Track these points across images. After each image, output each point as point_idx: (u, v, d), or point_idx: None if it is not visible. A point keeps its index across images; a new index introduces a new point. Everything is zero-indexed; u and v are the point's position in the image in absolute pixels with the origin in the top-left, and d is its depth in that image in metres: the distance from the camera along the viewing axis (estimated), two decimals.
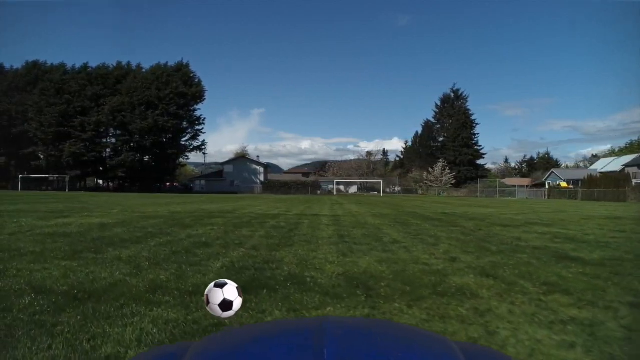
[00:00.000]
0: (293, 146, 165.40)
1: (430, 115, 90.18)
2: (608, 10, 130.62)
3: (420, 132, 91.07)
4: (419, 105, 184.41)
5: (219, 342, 0.56)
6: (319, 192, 70.04)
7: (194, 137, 74.37)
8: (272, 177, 79.44)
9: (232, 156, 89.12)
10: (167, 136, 69.69)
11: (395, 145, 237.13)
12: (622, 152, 76.64)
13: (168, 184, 79.03)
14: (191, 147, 74.75)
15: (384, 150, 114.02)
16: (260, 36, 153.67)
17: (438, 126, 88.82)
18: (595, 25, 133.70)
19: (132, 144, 68.34)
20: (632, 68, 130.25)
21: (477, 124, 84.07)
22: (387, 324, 0.71)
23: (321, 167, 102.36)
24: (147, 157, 71.15)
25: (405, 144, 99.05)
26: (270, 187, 69.17)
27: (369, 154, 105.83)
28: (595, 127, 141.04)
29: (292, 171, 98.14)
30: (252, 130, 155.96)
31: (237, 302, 1.15)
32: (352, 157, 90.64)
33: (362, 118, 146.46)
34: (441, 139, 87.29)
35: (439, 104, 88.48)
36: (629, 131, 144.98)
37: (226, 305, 1.12)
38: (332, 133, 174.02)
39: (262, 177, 73.30)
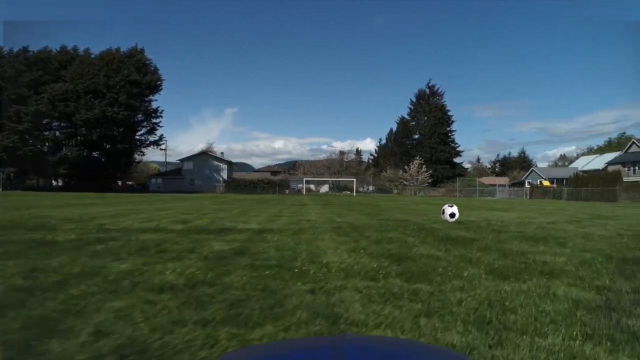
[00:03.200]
0: (267, 146, 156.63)
1: (404, 113, 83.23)
2: (576, 16, 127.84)
3: (394, 129, 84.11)
4: (393, 106, 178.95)
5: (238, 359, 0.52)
6: (287, 191, 61.93)
7: (151, 131, 64.92)
8: (238, 175, 70.76)
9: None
10: (119, 129, 60.06)
11: (369, 146, 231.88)
12: (601, 150, 71.78)
13: (121, 182, 69.31)
14: (148, 142, 65.36)
15: (357, 149, 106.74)
16: (232, 35, 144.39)
17: (413, 123, 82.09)
18: (563, 31, 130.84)
19: (78, 138, 58.46)
20: (596, 73, 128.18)
21: (453, 120, 77.88)
22: (406, 342, 0.64)
23: (292, 166, 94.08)
24: (97, 152, 61.40)
25: (379, 142, 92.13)
26: (234, 186, 60.54)
27: (342, 152, 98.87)
28: (562, 128, 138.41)
29: (263, 170, 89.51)
30: (225, 130, 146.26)
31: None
32: (325, 156, 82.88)
33: (335, 118, 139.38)
34: (416, 137, 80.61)
35: (414, 100, 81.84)
36: (593, 133, 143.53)
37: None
38: (306, 133, 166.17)
39: (225, 175, 64.53)
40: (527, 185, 62.21)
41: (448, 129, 76.86)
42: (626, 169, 56.66)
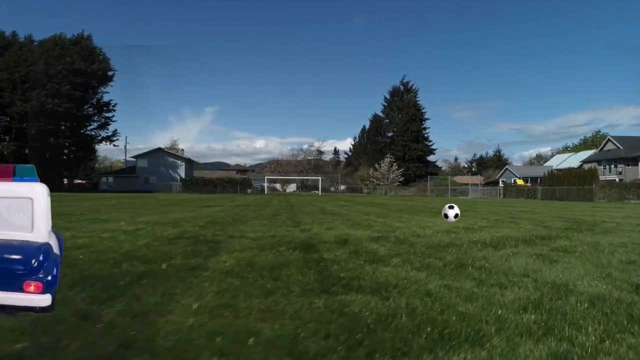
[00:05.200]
0: (247, 145, 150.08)
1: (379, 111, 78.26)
2: (550, 21, 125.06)
3: (367, 126, 79.17)
4: (374, 107, 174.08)
5: None
6: (249, 190, 56.32)
7: (103, 125, 58.48)
8: (200, 174, 64.83)
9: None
10: (66, 124, 53.76)
11: (349, 145, 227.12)
12: (576, 148, 67.83)
13: (67, 181, 62.82)
14: (100, 138, 58.96)
15: (335, 149, 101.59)
16: (211, 34, 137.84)
17: (387, 121, 77.23)
18: (540, 35, 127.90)
19: (14, 132, 51.85)
20: (571, 75, 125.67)
21: (427, 118, 73.11)
22: None
23: (265, 166, 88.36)
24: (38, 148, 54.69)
25: (354, 141, 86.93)
26: (192, 185, 54.68)
27: (320, 152, 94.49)
28: (538, 129, 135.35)
29: (231, 169, 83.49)
30: (205, 129, 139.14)
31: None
32: (287, 155, 77.73)
33: (317, 118, 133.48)
34: (390, 134, 75.73)
35: (387, 97, 76.97)
36: (567, 134, 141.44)
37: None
38: (287, 132, 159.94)
39: (182, 173, 58.54)
40: (501, 185, 57.87)
41: (422, 126, 72.08)
42: (602, 167, 52.68)
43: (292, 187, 63.67)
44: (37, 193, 2.57)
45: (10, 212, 2.58)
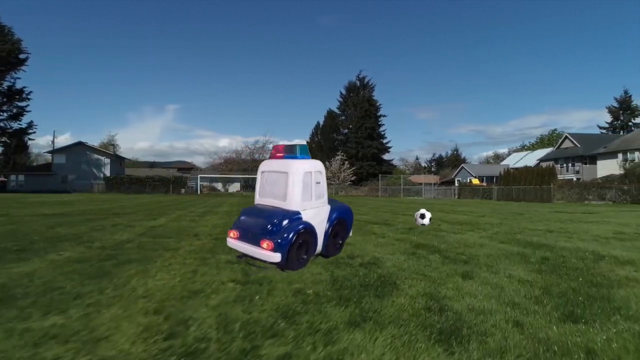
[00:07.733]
0: (211, 144, 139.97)
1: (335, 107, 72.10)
2: (510, 25, 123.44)
3: (322, 122, 72.78)
4: (334, 105, 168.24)
5: None
6: (182, 190, 48.78)
7: (15, 116, 49.28)
8: (131, 171, 56.43)
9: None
10: None
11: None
12: (533, 147, 63.95)
13: None
14: (11, 130, 49.74)
15: None
16: (173, 31, 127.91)
17: (343, 117, 71.10)
18: (498, 39, 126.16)
19: None
20: (527, 79, 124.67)
21: (383, 115, 67.42)
22: None
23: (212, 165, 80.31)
24: None
25: (311, 138, 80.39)
26: (117, 183, 46.55)
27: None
28: (496, 131, 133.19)
29: (173, 166, 74.97)
30: (167, 127, 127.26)
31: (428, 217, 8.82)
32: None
33: (281, 116, 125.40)
34: (346, 131, 69.62)
35: (344, 92, 70.84)
36: (523, 136, 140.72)
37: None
38: (252, 131, 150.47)
39: (107, 171, 50.19)
40: (456, 184, 52.96)
41: (377, 122, 66.28)
42: (559, 165, 48.59)
43: (235, 187, 56.55)
44: (292, 169, 3.62)
45: (275, 184, 3.70)
